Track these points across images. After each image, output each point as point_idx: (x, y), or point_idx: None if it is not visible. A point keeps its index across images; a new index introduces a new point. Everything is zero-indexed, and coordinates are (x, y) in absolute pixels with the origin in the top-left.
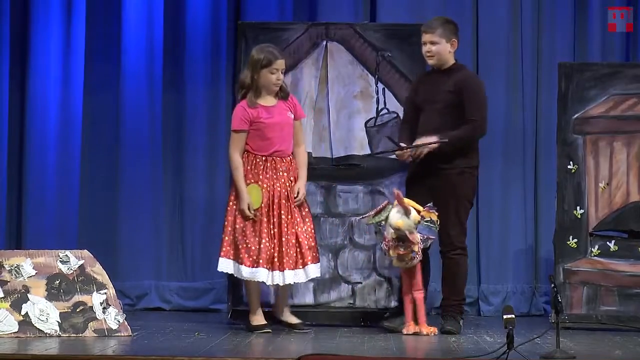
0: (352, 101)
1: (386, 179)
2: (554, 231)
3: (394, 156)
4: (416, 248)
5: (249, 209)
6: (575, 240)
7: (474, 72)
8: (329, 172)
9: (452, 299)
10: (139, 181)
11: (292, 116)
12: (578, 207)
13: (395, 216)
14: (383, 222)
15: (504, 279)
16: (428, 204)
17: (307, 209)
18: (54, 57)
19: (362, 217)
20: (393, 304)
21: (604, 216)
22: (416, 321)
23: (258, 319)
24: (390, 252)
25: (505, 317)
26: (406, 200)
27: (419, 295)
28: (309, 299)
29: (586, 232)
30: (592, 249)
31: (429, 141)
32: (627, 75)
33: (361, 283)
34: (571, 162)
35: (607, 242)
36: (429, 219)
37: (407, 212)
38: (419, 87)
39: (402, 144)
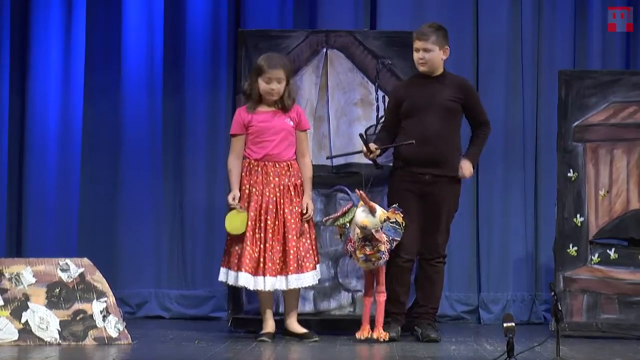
0: (352, 109)
1: (385, 186)
2: (554, 239)
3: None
4: (383, 248)
5: (233, 199)
6: (576, 248)
7: (463, 77)
8: (329, 179)
9: (429, 307)
10: (139, 188)
11: (292, 124)
12: (578, 215)
13: (360, 215)
14: (348, 224)
15: (504, 286)
16: (394, 205)
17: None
18: (54, 63)
19: (326, 220)
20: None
21: (604, 224)
22: (372, 325)
23: (264, 325)
24: (357, 252)
25: (505, 325)
26: (371, 204)
27: (382, 297)
28: (309, 307)
29: (586, 239)
30: (592, 257)
31: (462, 167)
32: (627, 83)
33: (361, 291)
34: (571, 170)
35: (607, 250)
36: (394, 220)
37: (372, 211)
38: (407, 94)
39: (374, 145)
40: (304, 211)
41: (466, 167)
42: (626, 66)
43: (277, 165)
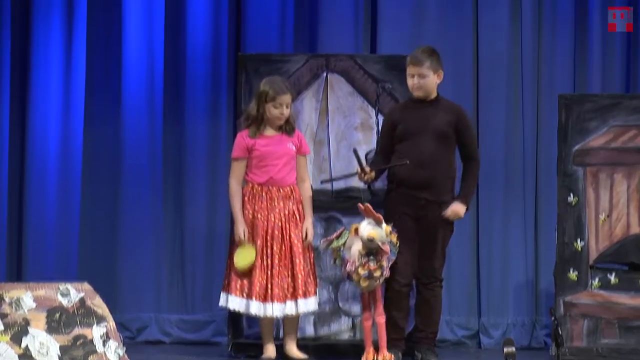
0: (353, 132)
1: (381, 209)
2: (554, 263)
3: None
4: (384, 262)
5: (244, 235)
6: (576, 272)
7: (458, 104)
8: (329, 203)
9: (428, 331)
10: (139, 213)
11: (294, 148)
12: (578, 239)
13: (367, 228)
14: (342, 247)
15: (504, 311)
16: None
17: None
18: (55, 88)
19: (322, 243)
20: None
21: (605, 248)
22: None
23: (265, 350)
24: (360, 270)
25: (505, 349)
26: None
27: (382, 319)
28: (309, 331)
29: (587, 264)
30: (593, 282)
31: (453, 210)
32: (627, 107)
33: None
34: (571, 194)
35: (608, 275)
36: (389, 240)
37: (378, 222)
38: (401, 118)
39: (367, 167)
40: (304, 237)
41: (455, 210)
42: (626, 66)
43: (281, 190)
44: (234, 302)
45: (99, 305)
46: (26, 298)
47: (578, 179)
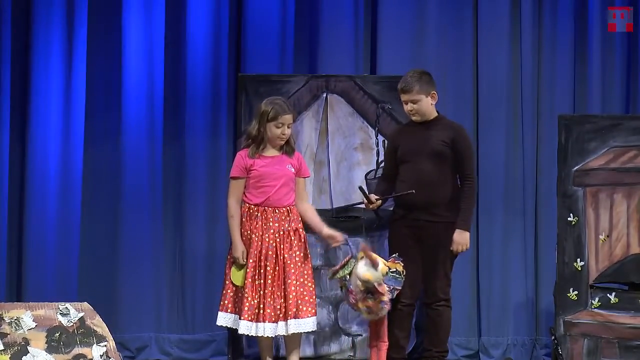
0: (353, 153)
1: (386, 230)
2: (554, 283)
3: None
4: (385, 298)
5: (242, 258)
6: (576, 292)
7: (459, 124)
8: (329, 224)
9: (434, 351)
10: (139, 233)
11: (293, 170)
12: (578, 259)
13: (363, 269)
14: (348, 276)
15: (504, 331)
16: (393, 255)
17: (309, 262)
18: (55, 110)
19: (328, 272)
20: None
21: (605, 268)
22: None
23: None
24: (359, 304)
25: None
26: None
27: (384, 346)
28: (309, 351)
29: (586, 284)
30: (593, 301)
31: (456, 241)
32: (627, 128)
33: (361, 335)
34: (571, 214)
35: (608, 294)
36: (394, 269)
37: (374, 265)
38: (401, 140)
39: (374, 196)
40: (339, 238)
41: (457, 241)
42: (627, 67)
43: (277, 211)
44: (227, 319)
45: (98, 324)
46: (26, 318)
47: (578, 199)
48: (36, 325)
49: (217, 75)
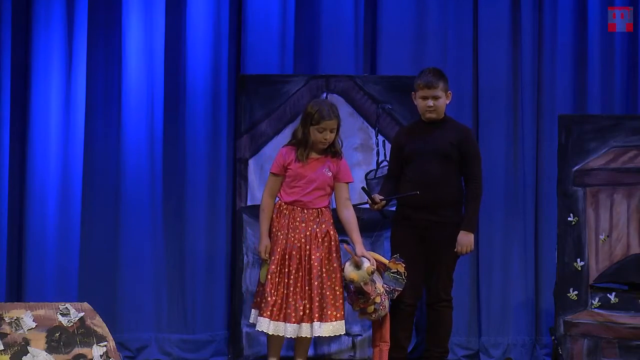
0: (353, 153)
1: (387, 230)
2: (554, 283)
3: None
4: (378, 299)
5: (265, 252)
6: (576, 292)
7: (466, 125)
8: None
9: (434, 351)
10: (139, 233)
11: (329, 174)
12: (578, 259)
13: (347, 269)
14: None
15: (504, 331)
16: (395, 255)
17: (338, 265)
18: (55, 111)
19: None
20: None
21: (605, 268)
22: None
23: None
24: (354, 306)
25: None
26: (372, 253)
27: (385, 347)
28: (309, 351)
29: (587, 284)
30: (593, 301)
31: (460, 243)
32: (627, 128)
33: (361, 335)
34: (571, 214)
35: (608, 295)
36: (395, 270)
37: (357, 265)
38: (408, 140)
39: (378, 196)
40: (366, 264)
41: (461, 242)
42: (627, 67)
43: (306, 211)
44: (253, 316)
45: (99, 324)
46: (26, 318)
47: (578, 199)
48: (36, 325)
49: (217, 75)
